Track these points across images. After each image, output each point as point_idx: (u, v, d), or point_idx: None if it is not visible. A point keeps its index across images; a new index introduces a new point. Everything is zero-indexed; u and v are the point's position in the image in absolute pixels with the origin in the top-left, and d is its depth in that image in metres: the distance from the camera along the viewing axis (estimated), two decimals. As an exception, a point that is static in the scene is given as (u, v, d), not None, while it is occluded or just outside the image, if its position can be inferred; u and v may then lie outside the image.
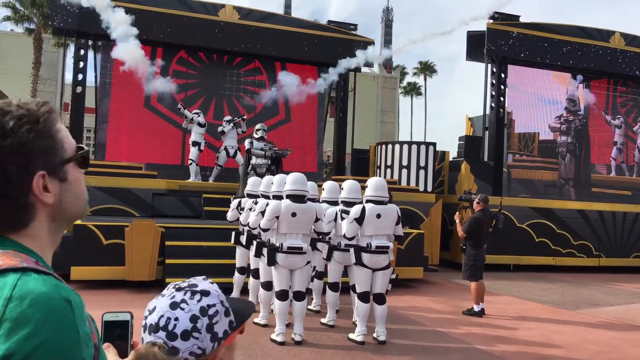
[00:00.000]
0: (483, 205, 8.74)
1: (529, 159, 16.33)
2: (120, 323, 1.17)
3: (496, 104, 15.59)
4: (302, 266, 6.63)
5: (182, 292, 1.16)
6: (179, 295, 1.16)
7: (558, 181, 16.37)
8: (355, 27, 16.34)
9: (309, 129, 16.18)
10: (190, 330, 1.12)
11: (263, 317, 7.14)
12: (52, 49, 26.36)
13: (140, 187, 11.37)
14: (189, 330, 1.12)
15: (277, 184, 6.98)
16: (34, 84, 25.35)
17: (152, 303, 1.18)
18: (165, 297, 1.17)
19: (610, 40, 16.42)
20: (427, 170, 14.61)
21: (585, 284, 12.56)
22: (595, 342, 7.18)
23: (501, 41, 15.35)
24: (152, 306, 1.17)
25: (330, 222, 7.12)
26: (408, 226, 11.36)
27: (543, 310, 9.22)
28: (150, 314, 1.15)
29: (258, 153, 11.16)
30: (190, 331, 1.12)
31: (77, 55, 14.10)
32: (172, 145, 14.55)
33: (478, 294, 8.52)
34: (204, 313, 1.14)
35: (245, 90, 15.58)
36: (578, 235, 15.06)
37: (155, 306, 1.16)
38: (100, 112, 14.33)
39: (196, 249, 9.57)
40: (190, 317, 1.12)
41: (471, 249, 8.57)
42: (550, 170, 16.34)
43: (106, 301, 8.03)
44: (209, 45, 14.50)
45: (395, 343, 6.69)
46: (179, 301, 1.14)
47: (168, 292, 1.18)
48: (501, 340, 7.08)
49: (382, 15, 68.05)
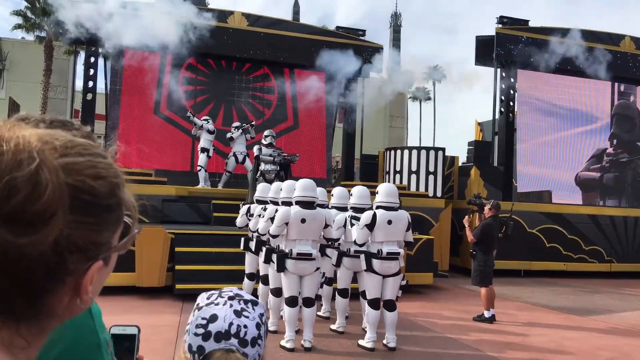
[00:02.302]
0: (495, 211, 8.68)
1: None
2: (127, 337, 1.16)
3: (505, 109, 15.53)
4: (311, 272, 6.62)
5: (237, 301, 1.19)
6: (236, 304, 1.18)
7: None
8: (364, 33, 16.37)
9: (318, 135, 16.19)
10: (256, 337, 1.16)
11: (272, 323, 7.12)
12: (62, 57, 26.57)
13: (150, 193, 11.39)
14: (256, 337, 1.16)
15: (286, 190, 6.98)
16: (45, 92, 25.56)
17: (205, 312, 1.17)
18: (220, 305, 1.18)
19: (621, 44, 16.33)
20: (437, 176, 14.56)
21: (596, 290, 12.45)
22: (608, 349, 7.10)
23: (510, 45, 15.31)
24: (207, 314, 1.16)
25: (340, 228, 7.10)
26: (417, 232, 11.32)
27: (554, 317, 9.14)
28: (210, 322, 1.15)
29: (267, 159, 11.17)
30: (256, 338, 1.16)
31: (87, 63, 14.21)
32: (182, 152, 14.62)
33: (488, 300, 8.45)
34: (262, 321, 1.19)
35: (254, 97, 15.64)
36: (589, 241, 14.94)
37: (214, 314, 1.16)
38: (110, 118, 14.42)
39: (206, 255, 9.58)
40: (256, 325, 1.16)
41: (481, 254, 8.51)
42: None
43: (116, 307, 8.04)
44: (218, 51, 14.58)
45: (405, 350, 6.65)
46: (240, 309, 1.17)
47: (219, 300, 1.19)
48: (512, 347, 7.02)
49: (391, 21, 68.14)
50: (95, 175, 0.66)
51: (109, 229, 0.69)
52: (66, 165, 0.63)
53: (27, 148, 0.61)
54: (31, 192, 0.59)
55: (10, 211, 0.58)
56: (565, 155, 16.20)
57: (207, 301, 1.19)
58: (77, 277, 0.67)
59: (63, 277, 0.65)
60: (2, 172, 0.59)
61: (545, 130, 16.06)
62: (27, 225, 0.59)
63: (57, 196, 0.61)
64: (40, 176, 0.60)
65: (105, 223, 0.68)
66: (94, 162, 0.66)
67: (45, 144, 0.63)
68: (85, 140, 0.69)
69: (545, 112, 16.16)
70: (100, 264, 0.68)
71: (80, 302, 0.69)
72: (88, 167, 0.65)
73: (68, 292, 0.67)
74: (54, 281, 0.64)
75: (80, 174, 0.64)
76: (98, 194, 0.66)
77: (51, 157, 0.62)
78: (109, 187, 0.68)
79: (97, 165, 0.67)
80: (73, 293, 0.67)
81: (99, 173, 0.66)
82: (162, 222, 11.05)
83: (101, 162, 0.68)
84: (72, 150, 0.65)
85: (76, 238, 0.64)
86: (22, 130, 0.63)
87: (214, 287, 1.29)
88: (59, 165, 0.62)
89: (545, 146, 15.97)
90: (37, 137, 0.63)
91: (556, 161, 16.04)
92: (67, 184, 0.62)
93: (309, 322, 6.51)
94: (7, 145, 0.60)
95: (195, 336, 1.14)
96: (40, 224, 0.60)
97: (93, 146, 0.69)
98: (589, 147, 16.55)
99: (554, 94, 16.28)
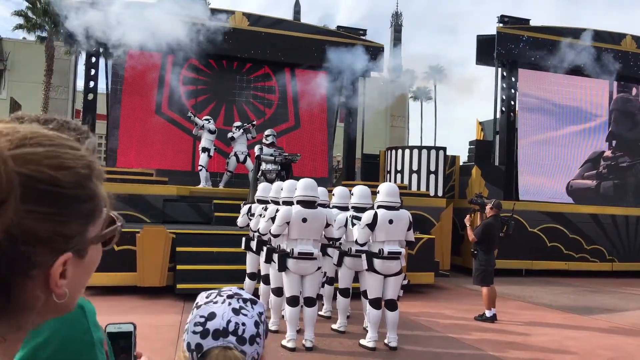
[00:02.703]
0: (496, 211, 8.68)
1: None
2: (123, 334, 1.16)
3: (507, 108, 15.52)
4: (312, 272, 6.62)
5: (236, 300, 1.18)
6: (235, 302, 1.18)
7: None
8: (365, 32, 16.37)
9: (319, 135, 16.19)
10: (255, 336, 1.15)
11: (274, 323, 7.13)
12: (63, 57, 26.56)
13: (151, 193, 11.41)
14: (254, 335, 1.15)
15: (287, 190, 6.98)
16: (46, 92, 25.56)
17: (203, 310, 1.17)
18: (219, 304, 1.17)
19: (622, 43, 16.32)
20: (438, 175, 14.55)
21: (598, 289, 12.44)
22: (610, 348, 7.09)
23: (511, 45, 15.30)
24: (206, 312, 1.16)
25: (341, 228, 7.10)
26: (418, 231, 11.32)
27: (556, 316, 9.14)
28: (208, 319, 1.15)
29: (268, 159, 11.18)
30: (255, 336, 1.15)
31: (88, 63, 14.22)
32: (183, 152, 14.62)
33: (490, 300, 8.45)
34: (261, 319, 1.18)
35: (255, 96, 15.64)
36: (591, 240, 14.93)
37: (213, 312, 1.16)
38: (111, 118, 14.43)
39: (207, 254, 9.58)
40: (254, 323, 1.16)
41: (482, 254, 8.51)
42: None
43: (117, 307, 8.05)
44: (219, 51, 14.59)
45: (406, 349, 6.64)
46: (238, 307, 1.17)
47: (218, 299, 1.19)
48: (514, 347, 7.01)
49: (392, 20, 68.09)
50: (57, 166, 0.65)
51: (78, 221, 0.68)
52: (20, 155, 0.62)
53: None
54: None
55: None
56: (567, 155, 16.12)
57: (206, 300, 1.19)
58: (44, 270, 0.65)
59: (28, 271, 0.64)
60: None
61: (546, 129, 16.02)
62: None
63: (3, 185, 0.60)
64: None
65: (72, 214, 0.66)
66: (57, 152, 0.66)
67: (5, 136, 0.63)
68: (53, 133, 0.68)
69: (547, 111, 16.12)
70: (68, 255, 0.67)
71: (56, 296, 0.67)
72: (48, 157, 0.64)
73: (40, 286, 0.66)
74: (18, 274, 0.63)
75: (37, 163, 0.63)
76: (60, 183, 0.65)
77: (3, 147, 0.62)
78: (75, 178, 0.66)
79: (60, 155, 0.66)
80: (45, 287, 0.66)
81: (63, 163, 0.65)
82: (163, 222, 11.06)
83: (67, 152, 0.67)
84: (31, 141, 0.64)
85: (33, 228, 0.62)
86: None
87: (215, 286, 1.29)
88: (10, 155, 0.62)
89: (547, 145, 15.91)
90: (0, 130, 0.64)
91: (558, 160, 15.97)
92: (20, 173, 0.61)
93: (310, 321, 6.50)
94: None
95: (194, 334, 1.14)
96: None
97: (60, 137, 0.68)
98: (591, 147, 16.39)
99: (555, 93, 16.25)
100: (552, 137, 16.02)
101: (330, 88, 15.21)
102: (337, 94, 16.05)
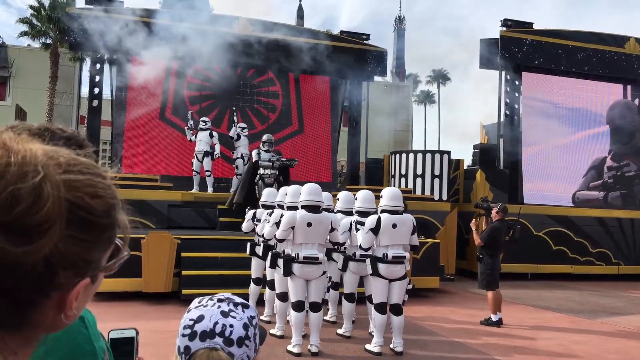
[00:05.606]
0: (502, 215, 8.66)
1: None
2: (125, 340, 1.17)
3: (510, 112, 15.51)
4: (317, 276, 6.61)
5: (226, 303, 1.19)
6: (224, 306, 1.18)
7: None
8: (368, 37, 16.39)
9: (323, 139, 16.21)
10: (243, 338, 1.16)
11: (279, 328, 7.13)
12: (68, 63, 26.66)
13: (156, 198, 11.44)
14: (242, 337, 1.15)
15: (292, 195, 6.99)
16: (51, 98, 25.66)
17: (193, 313, 1.18)
18: (209, 307, 1.18)
19: (625, 46, 16.29)
20: (442, 179, 14.53)
21: (604, 293, 12.39)
22: (616, 352, 7.06)
23: (515, 48, 15.30)
24: (195, 315, 1.17)
25: (345, 233, 7.10)
26: (423, 235, 11.30)
27: (561, 320, 9.10)
28: (197, 322, 1.16)
29: (265, 164, 11.25)
30: (243, 338, 1.15)
31: (93, 69, 14.28)
32: (188, 157, 14.63)
33: (495, 304, 8.43)
34: (251, 323, 1.18)
35: (258, 102, 15.67)
36: (596, 243, 14.87)
37: (201, 314, 1.17)
38: (116, 125, 14.49)
39: (212, 260, 9.59)
40: (243, 325, 1.16)
41: (488, 258, 8.49)
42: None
43: (122, 313, 8.06)
44: (223, 57, 14.61)
45: (412, 354, 6.63)
46: (227, 310, 1.17)
47: (208, 303, 1.20)
48: (519, 351, 6.99)
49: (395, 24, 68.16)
50: (94, 194, 0.67)
51: (100, 247, 0.70)
52: (67, 181, 0.65)
53: (33, 161, 0.63)
54: (32, 203, 0.60)
55: (10, 220, 0.60)
56: (572, 159, 16.00)
57: (197, 304, 1.20)
58: (63, 293, 0.67)
59: (50, 292, 0.66)
60: (7, 182, 0.60)
61: (550, 133, 15.96)
62: (25, 235, 0.60)
63: (56, 210, 0.62)
64: (42, 189, 0.61)
65: (97, 241, 0.69)
66: (94, 181, 0.68)
67: (51, 159, 0.65)
68: (88, 160, 0.71)
69: (551, 114, 16.08)
70: (87, 281, 0.69)
71: (65, 317, 0.69)
72: (87, 185, 0.67)
73: (53, 307, 0.68)
74: (41, 294, 0.65)
75: (79, 191, 0.66)
76: (95, 212, 0.67)
77: (54, 172, 0.64)
78: (106, 207, 0.69)
79: (96, 184, 0.68)
80: (57, 307, 0.68)
81: (97, 192, 0.68)
82: (168, 227, 11.09)
83: (100, 182, 0.69)
84: (75, 167, 0.67)
85: (68, 253, 0.64)
86: (29, 144, 0.65)
87: (220, 292, 1.29)
88: (61, 180, 0.64)
89: (551, 149, 15.84)
90: (43, 151, 0.65)
91: (563, 165, 15.89)
92: (67, 200, 0.64)
93: (315, 326, 6.50)
94: (15, 157, 0.62)
95: (183, 337, 1.15)
96: (36, 235, 0.61)
97: (94, 166, 0.71)
98: (595, 152, 16.24)
99: (559, 97, 16.21)
100: (556, 140, 15.95)
101: (333, 93, 15.22)
102: (340, 98, 16.07)
